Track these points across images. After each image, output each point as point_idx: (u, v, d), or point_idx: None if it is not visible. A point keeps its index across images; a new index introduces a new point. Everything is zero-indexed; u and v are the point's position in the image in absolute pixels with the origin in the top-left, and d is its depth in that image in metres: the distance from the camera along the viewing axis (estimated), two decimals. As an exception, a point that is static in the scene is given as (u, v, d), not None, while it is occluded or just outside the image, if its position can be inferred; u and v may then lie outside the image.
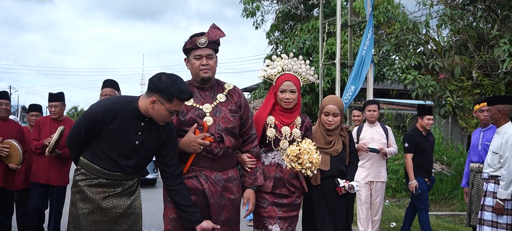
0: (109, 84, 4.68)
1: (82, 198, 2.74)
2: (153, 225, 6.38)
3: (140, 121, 2.72)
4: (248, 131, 3.08)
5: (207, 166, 2.90)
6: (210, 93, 3.00)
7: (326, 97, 3.68)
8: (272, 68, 3.34)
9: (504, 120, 4.16)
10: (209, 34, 2.93)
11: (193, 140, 2.82)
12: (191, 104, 2.93)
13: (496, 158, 4.11)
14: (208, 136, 2.84)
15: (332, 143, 3.53)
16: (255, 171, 3.10)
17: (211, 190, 2.88)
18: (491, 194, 4.11)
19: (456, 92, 7.84)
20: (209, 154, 2.87)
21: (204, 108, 2.93)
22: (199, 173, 2.89)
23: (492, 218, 4.06)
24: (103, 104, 2.76)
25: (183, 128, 2.90)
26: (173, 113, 2.68)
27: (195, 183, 2.88)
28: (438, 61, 7.90)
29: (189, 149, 2.84)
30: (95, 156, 2.72)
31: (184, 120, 2.90)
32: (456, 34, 8.39)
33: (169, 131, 2.81)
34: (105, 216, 2.76)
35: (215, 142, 2.86)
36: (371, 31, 7.57)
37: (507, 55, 7.03)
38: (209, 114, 2.92)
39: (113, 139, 2.68)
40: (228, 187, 2.95)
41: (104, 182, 2.74)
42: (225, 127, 2.92)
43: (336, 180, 3.48)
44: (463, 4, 8.15)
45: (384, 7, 11.57)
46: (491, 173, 4.14)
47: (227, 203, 2.95)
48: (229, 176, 2.97)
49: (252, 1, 13.53)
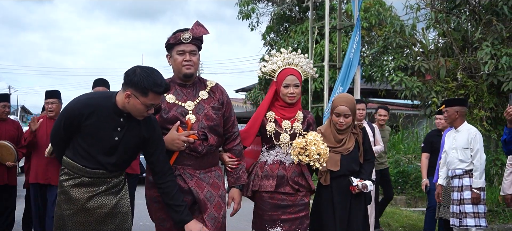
0: (100, 83, 4.83)
1: (66, 199, 2.68)
2: (148, 219, 6.59)
3: (118, 117, 2.64)
4: (230, 129, 3.05)
5: (191, 164, 2.87)
6: (192, 91, 2.95)
7: (337, 97, 3.55)
8: (273, 64, 3.26)
9: (460, 121, 4.57)
10: (193, 30, 2.89)
11: (176, 138, 2.78)
12: (173, 102, 2.88)
13: (467, 152, 4.47)
14: (192, 134, 2.81)
15: (343, 141, 3.43)
16: (237, 169, 3.06)
17: (197, 187, 2.85)
18: (468, 187, 4.46)
19: (441, 93, 8.09)
20: (193, 151, 2.84)
21: (186, 105, 2.89)
22: (183, 171, 2.86)
23: (473, 210, 4.43)
24: (80, 99, 2.71)
25: (166, 126, 2.85)
26: (149, 107, 2.59)
27: (180, 182, 2.84)
28: (424, 63, 8.17)
29: (172, 146, 2.80)
30: (77, 153, 2.66)
31: (167, 117, 2.85)
32: (442, 37, 8.67)
33: (151, 128, 2.74)
34: (91, 217, 2.68)
35: (199, 139, 2.83)
36: (359, 35, 7.85)
37: (489, 57, 7.31)
38: (192, 112, 2.88)
39: (92, 135, 2.62)
40: (214, 183, 2.92)
41: (87, 181, 2.67)
42: (208, 125, 2.88)
43: (350, 178, 3.37)
44: (448, 8, 8.42)
45: (376, 10, 11.83)
46: (466, 168, 4.48)
47: (217, 199, 2.91)
48: (213, 173, 2.95)
49: (247, 4, 13.79)
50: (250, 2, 13.87)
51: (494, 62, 7.27)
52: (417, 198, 8.85)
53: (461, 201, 4.48)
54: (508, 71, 7.24)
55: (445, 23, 8.21)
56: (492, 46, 7.43)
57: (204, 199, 2.85)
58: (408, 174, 9.30)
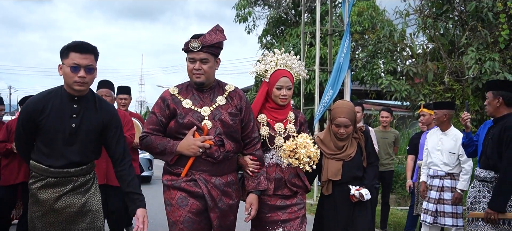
0: (104, 85, 4.95)
1: (34, 201, 2.70)
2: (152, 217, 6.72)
3: (72, 103, 2.67)
4: (249, 134, 2.97)
5: (206, 169, 2.81)
6: (210, 96, 2.90)
7: (336, 108, 3.39)
8: (266, 64, 3.19)
9: (448, 124, 4.76)
10: (205, 38, 2.79)
11: (192, 143, 2.74)
12: (189, 107, 2.84)
13: (453, 156, 4.67)
14: (208, 139, 2.76)
15: (344, 148, 3.33)
16: (258, 174, 2.99)
17: (211, 194, 2.80)
18: (449, 189, 4.68)
19: (429, 96, 8.37)
20: (209, 157, 2.79)
21: (202, 111, 2.83)
22: (198, 176, 2.80)
23: (452, 210, 4.65)
24: (32, 97, 2.76)
25: (182, 131, 2.81)
26: (76, 69, 2.57)
27: (194, 187, 2.80)
28: (412, 66, 8.46)
29: (188, 151, 2.76)
30: (41, 154, 2.68)
31: (183, 122, 2.81)
32: (430, 42, 8.97)
33: (108, 112, 2.78)
34: (59, 217, 2.70)
35: (216, 145, 2.78)
36: (348, 40, 8.14)
37: (474, 62, 7.60)
38: (208, 117, 2.83)
39: (50, 127, 2.63)
40: (227, 192, 2.86)
41: (53, 181, 2.67)
42: (224, 131, 2.82)
43: (349, 186, 3.29)
44: (436, 14, 8.71)
45: (369, 14, 12.13)
46: (449, 171, 4.69)
47: (227, 208, 2.87)
48: (228, 180, 2.89)
49: (244, 7, 14.08)
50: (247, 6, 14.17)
51: (479, 66, 7.56)
52: (407, 197, 9.12)
53: (440, 200, 4.68)
54: (492, 75, 7.52)
55: (433, 29, 8.51)
56: (477, 51, 7.72)
57: (215, 208, 2.82)
58: (398, 174, 9.57)
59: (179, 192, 2.81)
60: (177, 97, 2.87)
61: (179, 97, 2.87)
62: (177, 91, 2.91)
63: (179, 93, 2.90)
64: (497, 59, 7.49)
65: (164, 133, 2.88)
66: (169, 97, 2.88)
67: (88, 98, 2.75)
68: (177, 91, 2.91)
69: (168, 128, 2.86)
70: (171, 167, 2.87)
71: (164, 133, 2.88)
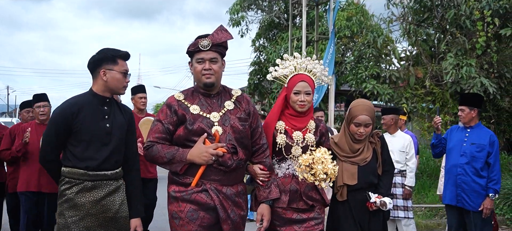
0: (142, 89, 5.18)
1: (70, 206, 2.74)
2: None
3: (103, 106, 2.84)
4: (258, 141, 2.84)
5: (218, 179, 2.67)
6: (217, 101, 2.79)
7: (356, 104, 3.18)
8: (284, 68, 3.01)
9: (395, 128, 5.27)
10: (213, 36, 2.72)
11: (204, 150, 2.60)
12: (198, 113, 2.72)
13: (403, 155, 5.17)
14: (221, 146, 2.63)
15: (359, 151, 3.13)
16: (269, 183, 2.84)
17: (223, 205, 2.67)
18: (400, 185, 5.16)
19: (411, 99, 8.77)
20: (221, 166, 2.65)
21: (211, 117, 2.72)
22: (210, 186, 2.66)
23: (403, 204, 5.17)
24: (65, 102, 2.85)
25: (191, 138, 2.68)
26: (125, 75, 2.84)
27: (205, 198, 2.66)
28: (394, 71, 8.86)
29: (199, 160, 2.61)
30: (74, 158, 2.75)
31: (192, 129, 2.68)
32: (413, 47, 9.37)
33: (129, 113, 2.98)
34: (96, 221, 2.77)
35: (229, 153, 2.66)
36: (333, 47, 8.53)
37: (452, 67, 7.99)
38: (218, 123, 2.70)
39: (86, 130, 2.75)
40: (238, 202, 2.74)
41: (90, 185, 2.75)
42: (235, 137, 2.70)
43: (367, 193, 3.07)
44: (417, 21, 9.10)
45: (358, 19, 12.48)
46: (400, 168, 5.13)
47: (239, 219, 2.75)
48: (239, 190, 2.77)
49: (237, 11, 14.43)
50: (239, 10, 14.52)
51: (456, 72, 7.95)
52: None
53: (393, 195, 5.12)
54: (469, 80, 7.91)
55: (414, 35, 8.90)
56: (456, 57, 8.11)
57: (227, 219, 2.69)
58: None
59: (189, 204, 2.66)
60: (184, 103, 2.75)
61: (186, 103, 2.75)
62: (183, 97, 2.79)
63: (185, 99, 2.78)
64: (473, 65, 7.89)
65: (170, 142, 2.75)
66: (175, 103, 2.76)
67: (113, 101, 2.94)
68: (183, 97, 2.79)
69: (175, 135, 2.73)
70: (179, 176, 2.72)
71: (170, 141, 2.75)
